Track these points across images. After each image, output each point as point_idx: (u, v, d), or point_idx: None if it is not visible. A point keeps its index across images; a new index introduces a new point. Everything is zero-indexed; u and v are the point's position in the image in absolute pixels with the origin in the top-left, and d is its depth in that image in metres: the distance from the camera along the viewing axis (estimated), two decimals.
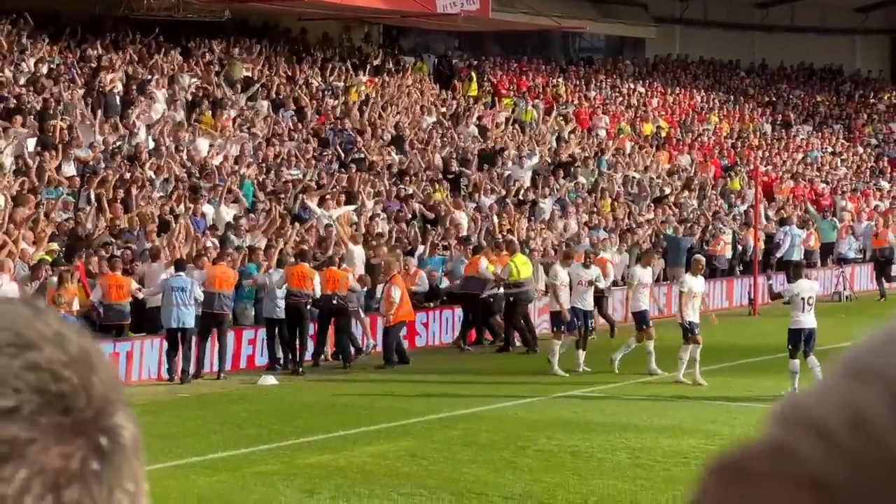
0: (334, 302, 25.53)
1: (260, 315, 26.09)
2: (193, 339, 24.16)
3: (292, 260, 26.07)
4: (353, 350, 26.00)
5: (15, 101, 31.29)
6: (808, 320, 22.12)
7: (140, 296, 24.72)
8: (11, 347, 0.99)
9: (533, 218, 34.56)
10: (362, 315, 26.49)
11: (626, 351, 24.61)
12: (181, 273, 24.19)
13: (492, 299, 28.57)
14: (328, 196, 31.22)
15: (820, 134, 54.45)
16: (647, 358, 24.27)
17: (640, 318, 24.93)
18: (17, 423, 0.96)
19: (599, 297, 28.38)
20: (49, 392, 0.98)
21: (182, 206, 28.48)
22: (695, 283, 24.00)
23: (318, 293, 25.36)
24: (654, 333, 24.52)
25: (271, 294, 25.40)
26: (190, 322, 23.98)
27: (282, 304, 25.17)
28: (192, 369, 24.11)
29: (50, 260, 24.20)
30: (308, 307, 25.49)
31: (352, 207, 31.23)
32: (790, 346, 22.14)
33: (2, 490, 0.95)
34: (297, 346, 25.50)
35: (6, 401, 0.96)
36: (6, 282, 22.23)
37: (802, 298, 22.17)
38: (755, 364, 23.97)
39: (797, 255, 37.14)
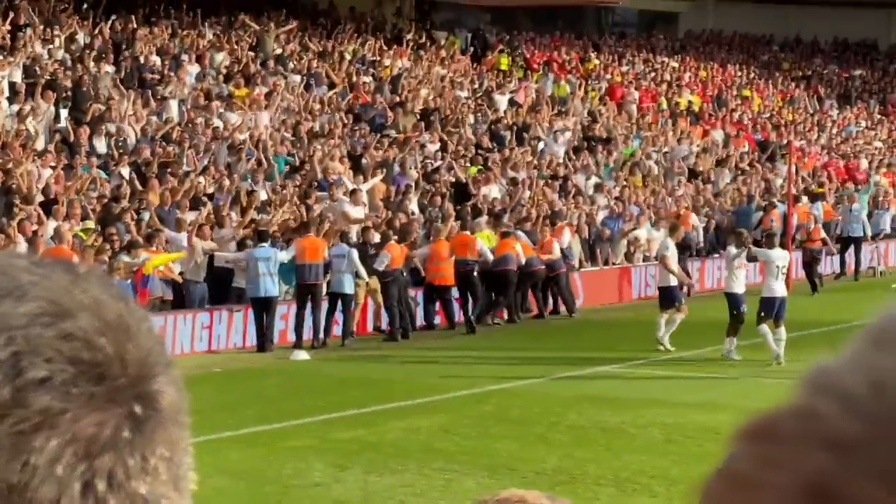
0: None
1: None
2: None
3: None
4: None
5: (48, 78, 31.37)
6: (780, 288, 22.69)
7: (224, 255, 25.34)
8: (45, 317, 0.98)
9: (565, 193, 34.49)
10: None
11: (673, 328, 24.51)
12: (265, 244, 24.70)
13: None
14: (359, 169, 31.22)
15: (855, 108, 54.13)
16: (667, 328, 24.23)
17: (673, 295, 24.78)
18: (50, 393, 0.96)
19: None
20: (82, 361, 0.98)
21: (221, 182, 28.56)
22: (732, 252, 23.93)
23: (491, 257, 27.57)
24: (687, 310, 24.48)
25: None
26: (274, 291, 24.66)
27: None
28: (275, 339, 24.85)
29: (85, 238, 24.26)
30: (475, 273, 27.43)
31: (378, 179, 31.17)
32: (762, 313, 22.57)
33: (34, 459, 0.95)
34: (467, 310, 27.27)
35: (38, 371, 0.96)
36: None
37: (777, 266, 22.73)
38: (791, 339, 23.83)
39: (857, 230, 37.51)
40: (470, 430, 17.08)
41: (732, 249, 24.16)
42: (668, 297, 24.80)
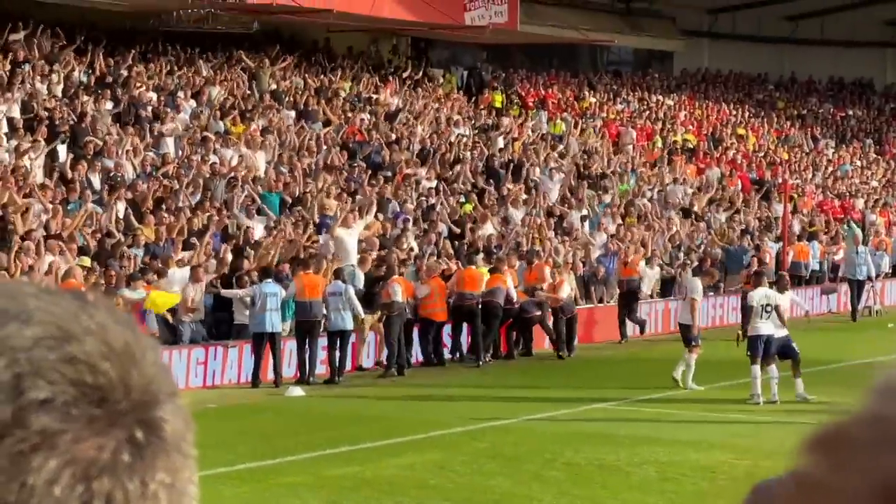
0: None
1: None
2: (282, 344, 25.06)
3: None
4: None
5: (46, 114, 31.44)
6: (765, 327, 22.74)
7: (233, 292, 25.45)
8: (50, 340, 1.00)
9: (561, 231, 34.54)
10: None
11: (683, 367, 24.30)
12: (270, 279, 24.96)
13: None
14: (353, 207, 31.24)
15: (850, 147, 54.26)
16: (680, 366, 24.18)
17: (689, 335, 24.62)
18: (50, 414, 0.97)
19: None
20: (85, 384, 0.99)
21: (214, 218, 28.60)
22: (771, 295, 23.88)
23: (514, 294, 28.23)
24: (701, 350, 24.38)
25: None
26: (279, 327, 24.90)
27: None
28: (283, 373, 25.00)
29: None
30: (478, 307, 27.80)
31: (369, 219, 31.16)
32: (749, 353, 22.80)
33: (32, 480, 0.96)
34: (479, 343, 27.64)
35: (39, 392, 0.97)
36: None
37: (761, 306, 22.84)
38: (784, 378, 23.78)
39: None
40: (465, 467, 17.06)
41: (698, 283, 24.73)
42: (685, 336, 24.68)
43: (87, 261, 24.98)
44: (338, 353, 25.45)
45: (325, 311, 25.48)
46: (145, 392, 1.02)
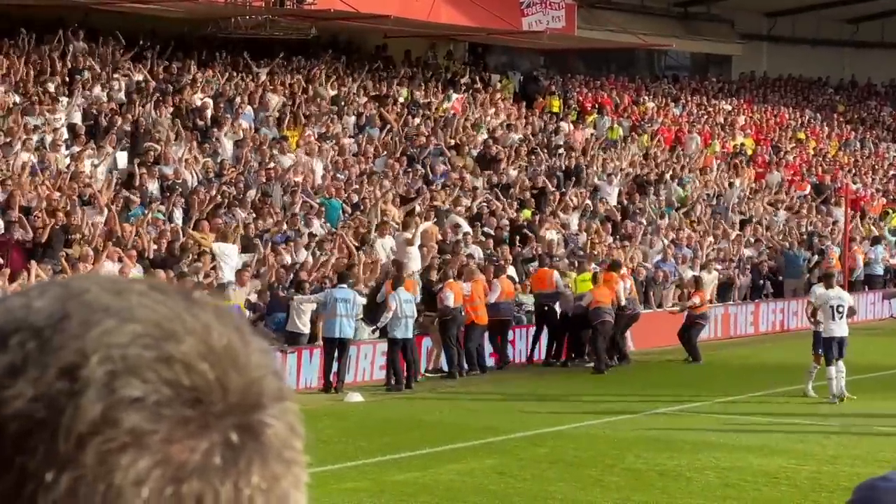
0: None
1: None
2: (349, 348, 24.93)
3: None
4: None
5: (106, 120, 31.69)
6: (837, 329, 22.82)
7: (298, 299, 25.38)
8: (148, 338, 0.98)
9: (618, 237, 34.41)
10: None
11: (812, 376, 23.70)
12: (344, 285, 24.80)
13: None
14: (414, 212, 31.26)
15: None
16: (807, 378, 23.61)
17: (814, 342, 23.80)
18: (141, 413, 0.95)
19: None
20: (180, 385, 0.97)
21: (272, 224, 28.71)
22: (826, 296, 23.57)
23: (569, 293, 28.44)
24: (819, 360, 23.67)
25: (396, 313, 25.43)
26: (349, 333, 24.67)
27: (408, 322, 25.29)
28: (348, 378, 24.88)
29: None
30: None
31: (429, 224, 31.19)
32: (821, 354, 23.04)
33: (119, 479, 0.94)
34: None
35: (132, 391, 0.95)
36: None
37: (831, 307, 22.83)
38: (852, 381, 23.59)
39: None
40: (524, 472, 17.00)
41: (818, 290, 24.03)
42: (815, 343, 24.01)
43: (160, 273, 24.97)
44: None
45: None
46: (245, 395, 0.99)
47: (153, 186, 29.50)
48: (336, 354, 24.73)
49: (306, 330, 25.71)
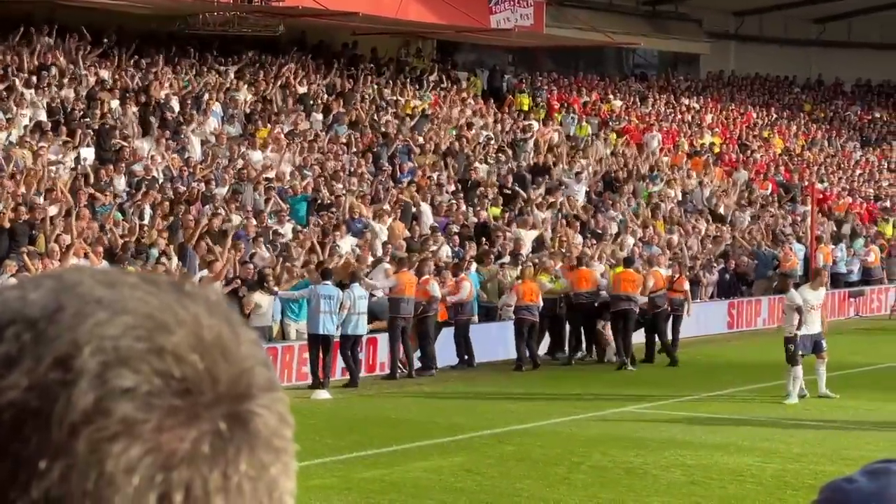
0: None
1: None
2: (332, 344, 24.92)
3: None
4: None
5: (73, 116, 31.54)
6: (805, 327, 22.92)
7: (280, 293, 25.48)
8: (140, 329, 1.00)
9: (589, 234, 34.46)
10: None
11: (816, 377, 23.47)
12: (328, 282, 24.75)
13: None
14: (382, 210, 31.26)
15: (877, 150, 54.05)
16: (819, 381, 23.38)
17: (815, 343, 23.49)
18: (132, 403, 0.98)
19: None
20: (171, 375, 0.99)
21: (241, 220, 28.63)
22: (812, 296, 23.65)
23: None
24: (828, 356, 23.58)
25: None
26: (332, 329, 24.63)
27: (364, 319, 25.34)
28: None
29: None
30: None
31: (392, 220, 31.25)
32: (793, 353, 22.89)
33: (110, 467, 0.96)
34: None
35: (123, 381, 0.98)
36: None
37: (799, 306, 23.02)
38: (811, 381, 23.70)
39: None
40: (491, 470, 17.02)
41: (807, 291, 24.03)
42: (815, 346, 23.68)
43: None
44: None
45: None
46: (235, 385, 1.01)
47: (120, 183, 29.40)
48: (321, 351, 24.72)
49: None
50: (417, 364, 26.54)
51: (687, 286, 30.08)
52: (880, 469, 1.70)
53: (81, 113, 31.95)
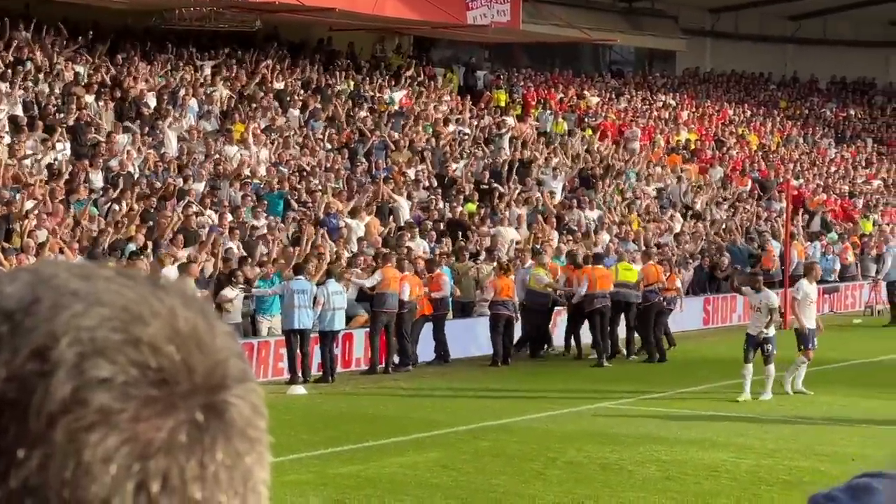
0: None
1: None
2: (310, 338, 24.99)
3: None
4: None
5: (49, 112, 31.43)
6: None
7: (253, 291, 25.51)
8: (116, 321, 1.01)
9: (565, 231, 34.50)
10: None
11: (796, 372, 23.58)
12: (301, 276, 24.84)
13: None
14: (359, 207, 31.25)
15: (852, 147, 54.24)
16: (798, 377, 23.51)
17: (806, 337, 23.59)
18: (109, 393, 0.99)
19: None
20: (147, 366, 1.00)
21: (216, 216, 28.58)
22: (811, 290, 23.82)
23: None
24: (813, 355, 23.64)
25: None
26: (308, 324, 24.70)
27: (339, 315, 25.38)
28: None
29: None
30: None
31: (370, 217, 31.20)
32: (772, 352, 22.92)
33: (88, 457, 0.97)
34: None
35: (100, 371, 0.99)
36: None
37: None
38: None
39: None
40: (467, 465, 17.04)
41: (804, 284, 24.02)
42: (799, 339, 23.77)
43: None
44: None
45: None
46: (210, 376, 1.03)
47: (97, 178, 29.33)
48: (298, 345, 24.81)
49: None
50: (395, 359, 26.58)
51: (679, 283, 30.12)
52: (861, 486, 1.69)
53: (56, 108, 31.86)
